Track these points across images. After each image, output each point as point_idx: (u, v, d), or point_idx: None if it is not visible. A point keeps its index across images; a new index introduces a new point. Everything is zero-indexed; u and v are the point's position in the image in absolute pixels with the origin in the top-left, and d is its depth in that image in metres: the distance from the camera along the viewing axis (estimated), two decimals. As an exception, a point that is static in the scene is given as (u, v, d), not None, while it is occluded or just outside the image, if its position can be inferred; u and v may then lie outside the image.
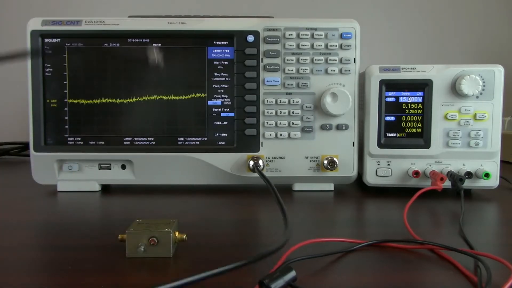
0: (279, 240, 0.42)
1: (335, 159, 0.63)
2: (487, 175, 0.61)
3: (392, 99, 0.62)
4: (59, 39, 0.63)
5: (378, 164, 0.63)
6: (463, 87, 0.59)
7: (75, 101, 0.64)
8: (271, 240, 0.43)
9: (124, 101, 0.64)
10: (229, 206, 0.58)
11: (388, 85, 0.62)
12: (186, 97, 0.64)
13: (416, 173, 0.62)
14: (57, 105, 0.64)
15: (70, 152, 0.64)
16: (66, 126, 0.64)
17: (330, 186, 0.66)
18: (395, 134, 0.62)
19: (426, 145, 0.62)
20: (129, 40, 0.63)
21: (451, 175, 0.59)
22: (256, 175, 0.61)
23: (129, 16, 0.65)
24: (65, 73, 0.64)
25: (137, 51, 0.63)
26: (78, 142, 0.64)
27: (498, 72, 0.60)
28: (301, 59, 0.63)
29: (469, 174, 0.61)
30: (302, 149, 0.64)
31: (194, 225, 0.48)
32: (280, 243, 0.34)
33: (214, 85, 0.64)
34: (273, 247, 0.34)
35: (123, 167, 0.65)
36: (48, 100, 0.64)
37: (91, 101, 0.64)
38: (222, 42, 0.64)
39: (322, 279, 0.33)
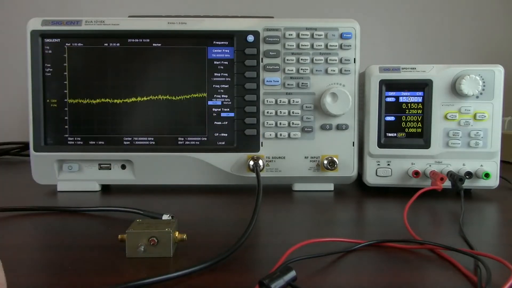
0: (276, 240, 0.42)
1: (335, 159, 0.63)
2: (487, 175, 0.60)
3: (392, 99, 0.62)
4: (59, 39, 0.63)
5: (378, 164, 0.63)
6: (463, 87, 0.59)
7: (75, 101, 0.64)
8: (271, 240, 0.43)
9: (124, 101, 0.64)
10: (229, 206, 0.58)
11: (388, 85, 0.62)
12: (186, 97, 0.64)
13: (416, 173, 0.62)
14: (57, 105, 0.64)
15: (70, 152, 0.64)
16: (66, 126, 0.64)
17: (330, 186, 0.66)
18: (395, 134, 0.62)
19: (426, 145, 0.62)
20: (129, 40, 0.63)
21: (451, 175, 0.59)
22: (256, 175, 0.61)
23: (129, 16, 0.65)
24: (65, 73, 0.64)
25: (137, 51, 0.63)
26: (78, 142, 0.64)
27: (498, 72, 0.60)
28: (301, 59, 0.63)
29: (469, 174, 0.61)
30: (302, 149, 0.64)
31: (194, 225, 0.48)
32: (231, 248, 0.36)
33: (214, 85, 0.64)
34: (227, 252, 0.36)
35: (123, 167, 0.65)
36: (48, 100, 0.64)
37: (91, 101, 0.64)
38: (222, 42, 0.64)
39: (322, 279, 0.33)
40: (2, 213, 0.52)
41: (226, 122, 0.64)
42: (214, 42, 0.64)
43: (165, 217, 0.45)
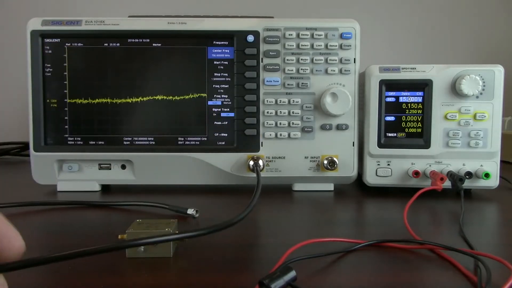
0: (276, 240, 0.42)
1: (335, 159, 0.63)
2: (487, 175, 0.60)
3: (392, 99, 0.62)
4: (59, 39, 0.63)
5: (378, 164, 0.63)
6: (463, 87, 0.59)
7: (75, 101, 0.64)
8: (271, 240, 0.43)
9: (124, 101, 0.64)
10: (229, 206, 0.58)
11: (388, 85, 0.62)
12: (186, 97, 0.64)
13: (416, 173, 0.62)
14: (57, 105, 0.64)
15: (70, 152, 0.64)
16: (66, 126, 0.64)
17: (330, 186, 0.66)
18: (395, 134, 0.62)
19: (426, 145, 0.62)
20: (129, 40, 0.63)
21: (451, 175, 0.59)
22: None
23: (129, 16, 0.65)
24: (65, 73, 0.64)
25: (137, 51, 0.63)
26: (78, 142, 0.64)
27: (498, 72, 0.60)
28: (301, 59, 0.63)
29: (469, 174, 0.61)
30: (302, 149, 0.64)
31: (194, 225, 0.48)
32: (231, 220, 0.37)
33: (214, 85, 0.64)
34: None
35: (123, 167, 0.65)
36: (48, 100, 0.64)
37: (91, 101, 0.64)
38: (222, 42, 0.64)
39: (322, 279, 0.33)
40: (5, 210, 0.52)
41: (226, 122, 0.64)
42: (214, 42, 0.64)
43: (190, 211, 0.50)
